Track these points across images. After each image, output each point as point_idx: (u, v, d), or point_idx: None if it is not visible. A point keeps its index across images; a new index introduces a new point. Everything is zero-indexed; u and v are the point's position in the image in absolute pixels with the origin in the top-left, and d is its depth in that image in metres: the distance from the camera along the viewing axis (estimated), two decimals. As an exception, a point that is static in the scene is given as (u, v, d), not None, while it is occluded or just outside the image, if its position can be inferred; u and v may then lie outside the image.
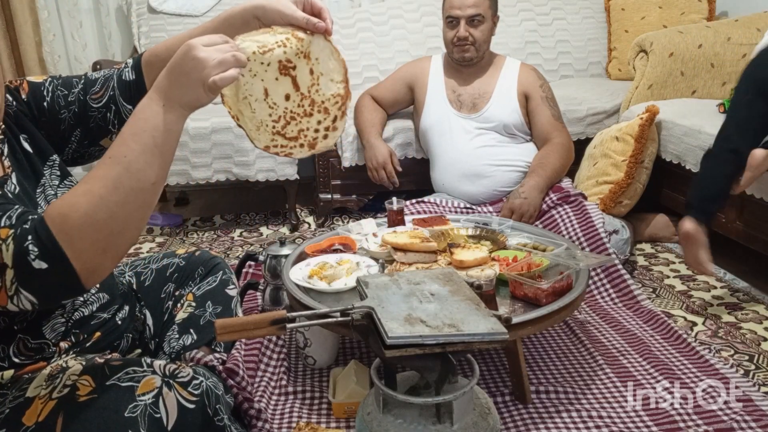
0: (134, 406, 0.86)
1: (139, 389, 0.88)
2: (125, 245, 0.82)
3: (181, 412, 0.89)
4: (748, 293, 1.90)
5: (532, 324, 1.27)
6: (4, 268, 0.77)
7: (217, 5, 2.89)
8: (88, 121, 1.07)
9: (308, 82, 0.95)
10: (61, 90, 1.06)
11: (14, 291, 0.78)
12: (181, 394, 0.90)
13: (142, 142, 0.81)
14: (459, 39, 2.16)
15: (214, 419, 0.95)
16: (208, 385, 0.95)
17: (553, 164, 2.09)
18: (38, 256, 0.77)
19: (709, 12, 2.85)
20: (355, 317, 0.99)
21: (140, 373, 0.90)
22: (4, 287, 0.78)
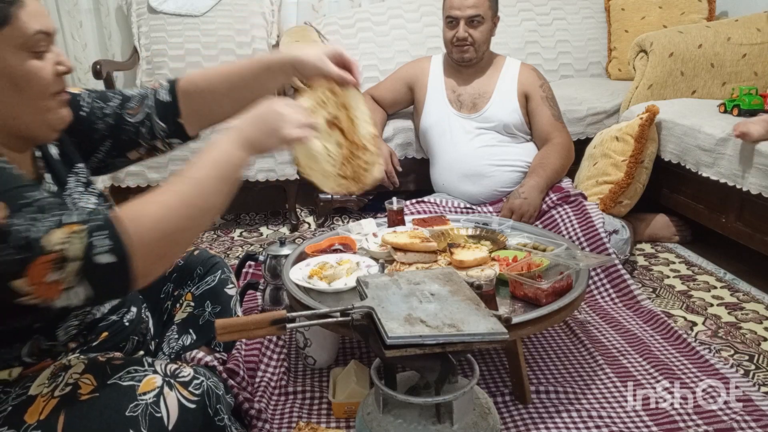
0: (135, 405, 0.87)
1: (140, 388, 0.89)
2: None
3: (182, 411, 0.90)
4: (748, 293, 1.90)
5: (532, 324, 1.27)
6: (66, 260, 0.79)
7: (216, 5, 2.88)
8: (121, 134, 1.13)
9: (350, 128, 1.10)
10: (98, 102, 1.12)
11: (70, 284, 0.80)
12: (182, 394, 0.91)
13: (216, 170, 0.91)
14: (458, 39, 2.15)
15: (214, 419, 0.95)
16: (208, 385, 0.95)
17: (553, 164, 2.09)
18: (107, 251, 0.80)
19: (709, 12, 2.85)
20: (355, 317, 0.99)
21: (141, 373, 0.91)
22: (60, 280, 0.80)
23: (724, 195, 1.99)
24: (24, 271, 0.78)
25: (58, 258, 0.79)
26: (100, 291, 0.83)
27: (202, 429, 0.93)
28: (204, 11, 2.87)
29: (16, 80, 0.87)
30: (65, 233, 0.80)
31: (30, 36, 0.86)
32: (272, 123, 0.96)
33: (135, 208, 0.85)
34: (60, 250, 0.79)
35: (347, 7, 3.13)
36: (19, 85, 0.87)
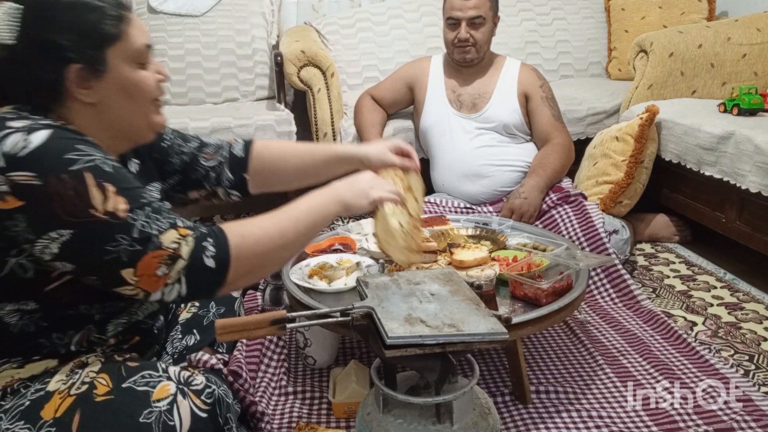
0: (149, 411, 0.88)
1: (155, 395, 0.90)
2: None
3: (194, 420, 0.91)
4: (748, 293, 1.90)
5: (532, 324, 1.27)
6: (176, 258, 0.90)
7: (216, 5, 2.89)
8: (191, 173, 1.24)
9: (414, 207, 1.25)
10: (178, 140, 1.25)
11: (174, 280, 0.90)
12: (195, 403, 0.92)
13: (311, 215, 1.06)
14: (460, 40, 2.15)
15: (224, 428, 0.96)
16: (220, 394, 0.96)
17: (554, 164, 2.09)
18: (212, 255, 0.92)
19: (709, 12, 2.85)
20: (355, 317, 0.99)
21: (155, 378, 0.92)
22: (166, 275, 0.89)
23: (724, 194, 1.99)
24: (136, 262, 0.88)
25: (170, 255, 0.89)
26: (193, 291, 0.92)
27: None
28: (204, 11, 2.87)
29: (128, 89, 0.97)
30: (178, 235, 0.91)
31: (138, 49, 0.97)
32: (364, 186, 1.15)
33: (241, 227, 0.98)
34: (174, 248, 0.90)
35: (347, 7, 3.13)
36: (129, 92, 0.98)
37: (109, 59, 0.94)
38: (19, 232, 0.86)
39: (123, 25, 0.95)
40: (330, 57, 2.52)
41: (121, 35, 0.94)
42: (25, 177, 0.84)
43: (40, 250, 0.86)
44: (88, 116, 0.96)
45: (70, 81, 0.92)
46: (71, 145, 0.88)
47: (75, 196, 0.85)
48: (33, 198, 0.84)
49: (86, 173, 0.86)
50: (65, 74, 0.91)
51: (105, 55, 0.93)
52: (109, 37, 0.93)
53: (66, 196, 0.85)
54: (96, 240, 0.87)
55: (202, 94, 2.84)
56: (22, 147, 0.84)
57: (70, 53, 0.91)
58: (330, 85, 2.50)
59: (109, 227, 0.87)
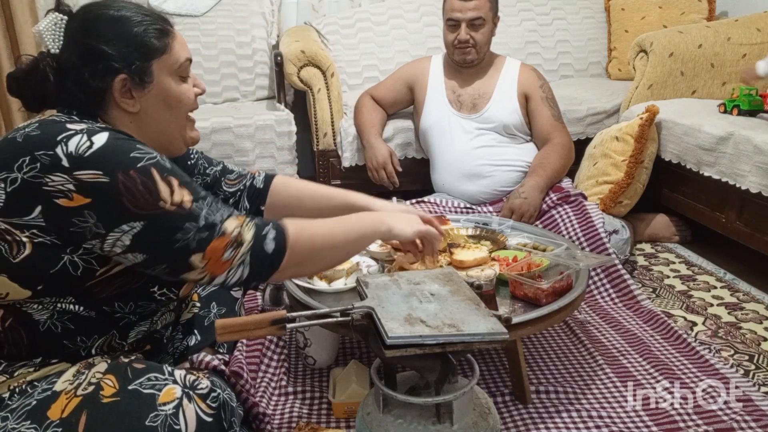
0: (155, 415, 0.88)
1: (161, 398, 0.90)
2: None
3: (200, 424, 0.91)
4: (748, 293, 1.90)
5: (532, 324, 1.27)
6: (241, 243, 0.96)
7: (216, 5, 2.89)
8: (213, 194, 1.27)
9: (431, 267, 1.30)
10: (203, 161, 1.32)
11: (239, 263, 0.97)
12: (200, 407, 0.93)
13: (360, 230, 1.14)
14: (460, 42, 2.15)
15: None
16: (224, 398, 0.97)
17: (554, 164, 2.09)
18: (273, 238, 0.99)
19: (709, 12, 2.85)
20: (355, 317, 0.99)
21: (162, 381, 0.93)
22: (230, 259, 0.96)
23: (724, 194, 1.99)
24: (205, 247, 0.93)
25: (235, 240, 0.96)
26: (254, 273, 0.98)
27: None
28: (204, 11, 2.88)
29: (169, 101, 1.03)
30: (239, 222, 0.98)
31: (181, 63, 1.03)
32: (413, 219, 1.24)
33: (299, 222, 1.05)
34: (239, 234, 0.96)
35: (347, 7, 3.13)
36: (170, 104, 1.03)
37: (154, 71, 0.99)
38: (87, 227, 0.89)
39: (168, 39, 1.01)
40: (330, 57, 2.52)
41: (166, 49, 1.01)
42: (91, 175, 0.88)
43: (112, 243, 0.91)
44: (127, 124, 1.00)
45: (115, 90, 0.97)
46: (133, 145, 0.93)
47: (144, 191, 0.90)
48: (100, 194, 0.88)
49: (152, 168, 0.91)
50: (112, 84, 0.96)
51: (151, 67, 0.99)
52: (156, 49, 0.99)
53: (136, 191, 0.89)
54: (166, 229, 0.91)
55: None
56: (87, 147, 0.88)
57: (118, 63, 0.96)
58: (330, 85, 2.50)
59: (178, 217, 0.92)
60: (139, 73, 0.98)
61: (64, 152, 0.88)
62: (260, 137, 2.46)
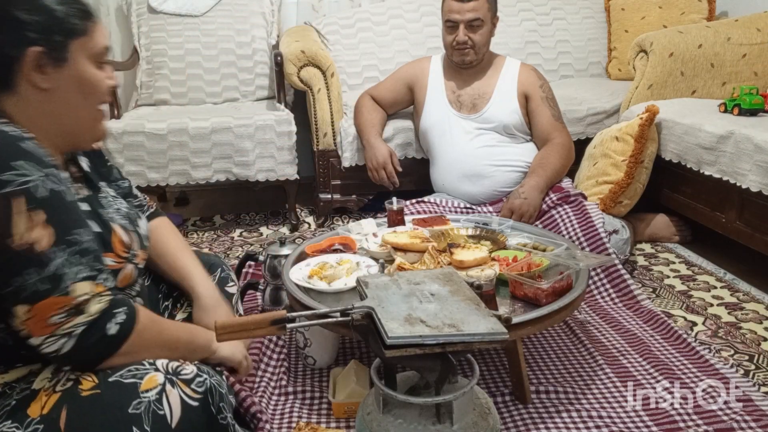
0: (138, 402, 0.87)
1: (143, 386, 0.89)
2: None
3: (185, 409, 0.90)
4: (748, 293, 1.90)
5: (532, 324, 1.27)
6: (80, 313, 0.86)
7: (216, 5, 2.89)
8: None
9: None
10: (117, 171, 1.25)
11: (64, 333, 0.86)
12: (185, 392, 0.91)
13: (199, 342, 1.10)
14: (458, 43, 2.15)
15: (217, 417, 0.95)
16: (211, 383, 0.95)
17: (554, 164, 2.09)
18: (119, 322, 0.90)
19: (709, 12, 2.85)
20: (355, 317, 0.99)
21: (143, 370, 0.91)
22: (59, 325, 0.85)
23: (724, 194, 1.99)
24: (36, 301, 0.84)
25: (75, 306, 0.85)
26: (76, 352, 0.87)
27: (205, 427, 0.93)
28: (204, 11, 2.88)
29: (84, 85, 0.97)
30: (92, 289, 0.87)
31: (99, 49, 0.98)
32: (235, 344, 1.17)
33: (152, 316, 0.99)
34: (84, 301, 0.86)
35: (347, 7, 3.13)
36: (83, 89, 0.97)
37: (71, 51, 0.94)
38: None
39: (89, 23, 0.97)
40: (330, 57, 2.52)
41: (87, 31, 0.96)
42: None
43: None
44: (35, 103, 0.94)
45: (27, 61, 0.91)
46: (7, 163, 0.84)
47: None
48: None
49: (15, 199, 0.83)
50: (24, 54, 0.90)
51: (68, 46, 0.94)
52: (76, 29, 0.95)
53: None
54: (6, 270, 0.83)
55: (202, 94, 2.85)
56: None
57: (35, 34, 0.91)
58: (330, 85, 2.50)
59: (22, 259, 0.83)
60: (55, 49, 0.92)
61: None
62: (260, 137, 2.46)
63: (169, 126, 2.41)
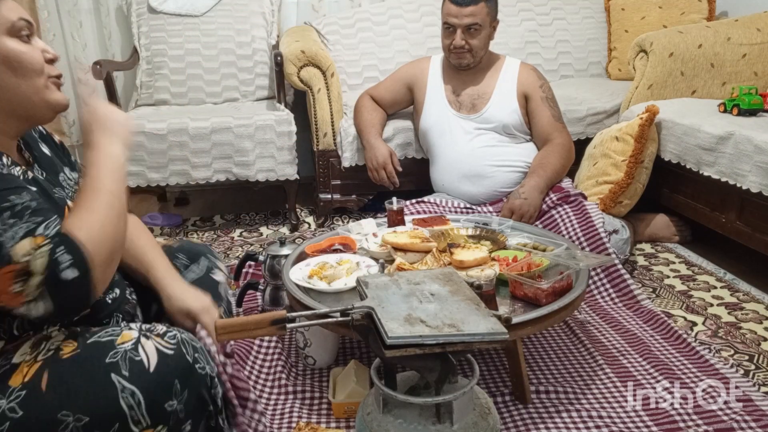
0: (114, 352, 0.92)
1: (118, 341, 0.94)
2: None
3: (161, 356, 0.94)
4: (748, 293, 1.90)
5: (532, 324, 1.27)
6: (30, 274, 0.83)
7: (216, 5, 2.89)
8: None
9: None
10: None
11: (34, 297, 0.84)
12: (159, 342, 0.95)
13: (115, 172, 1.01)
14: (455, 47, 2.15)
15: (194, 366, 0.98)
16: (183, 337, 0.99)
17: (554, 164, 2.09)
18: (69, 264, 0.85)
19: (709, 12, 2.85)
20: (355, 317, 0.99)
21: (118, 330, 0.96)
22: (23, 292, 0.84)
23: (724, 194, 1.99)
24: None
25: (22, 270, 0.83)
26: (61, 305, 0.87)
27: (184, 375, 0.95)
28: (204, 11, 2.88)
29: (10, 62, 0.95)
30: (33, 244, 0.84)
31: (14, 22, 0.96)
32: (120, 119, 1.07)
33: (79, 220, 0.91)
34: (26, 263, 0.83)
35: (347, 7, 3.13)
36: (12, 66, 0.96)
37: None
38: None
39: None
40: (330, 57, 2.52)
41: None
42: None
43: None
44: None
45: None
46: None
47: None
48: None
49: None
50: None
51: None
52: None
53: None
54: None
55: (202, 94, 2.85)
56: None
57: None
58: (330, 85, 2.50)
59: None
60: None
61: None
62: (260, 137, 2.47)
63: (169, 126, 2.41)
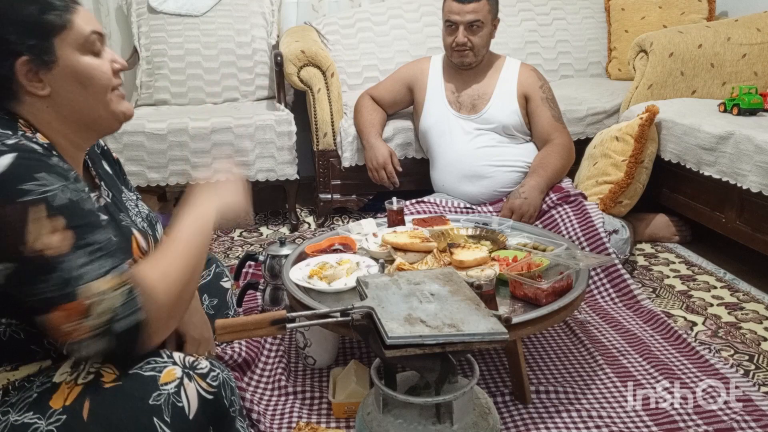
0: (158, 394, 0.89)
1: (162, 379, 0.91)
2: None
3: (201, 402, 0.92)
4: (748, 293, 1.90)
5: (532, 324, 1.27)
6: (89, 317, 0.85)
7: (216, 5, 2.89)
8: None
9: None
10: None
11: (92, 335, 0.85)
12: (201, 385, 0.93)
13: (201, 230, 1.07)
14: (457, 45, 2.14)
15: (229, 410, 0.97)
16: (224, 377, 0.97)
17: (554, 165, 2.09)
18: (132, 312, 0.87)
19: (709, 12, 2.85)
20: (355, 317, 0.99)
21: (161, 364, 0.93)
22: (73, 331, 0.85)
23: (724, 194, 1.99)
24: (48, 311, 0.84)
25: (81, 311, 0.84)
26: (113, 350, 0.88)
27: (218, 419, 0.95)
28: (204, 11, 2.88)
29: (80, 78, 0.96)
30: (109, 285, 0.86)
31: (87, 37, 0.96)
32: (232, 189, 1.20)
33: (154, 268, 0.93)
34: (89, 304, 0.84)
35: (347, 7, 3.13)
36: (83, 82, 0.96)
37: (57, 49, 0.93)
38: None
39: (67, 15, 0.95)
40: (330, 57, 2.52)
41: (66, 24, 0.94)
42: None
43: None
44: (45, 110, 0.95)
45: (20, 75, 0.91)
46: (30, 174, 0.85)
47: (10, 231, 0.82)
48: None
49: (32, 207, 0.83)
50: (14, 68, 0.91)
51: (52, 45, 0.93)
52: (54, 26, 0.93)
53: (7, 228, 0.82)
54: (25, 278, 0.84)
55: (202, 94, 2.85)
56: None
57: (16, 46, 0.90)
58: (330, 85, 2.50)
59: (34, 267, 0.84)
60: (40, 53, 0.92)
61: None
62: (260, 137, 2.47)
63: (169, 126, 2.41)
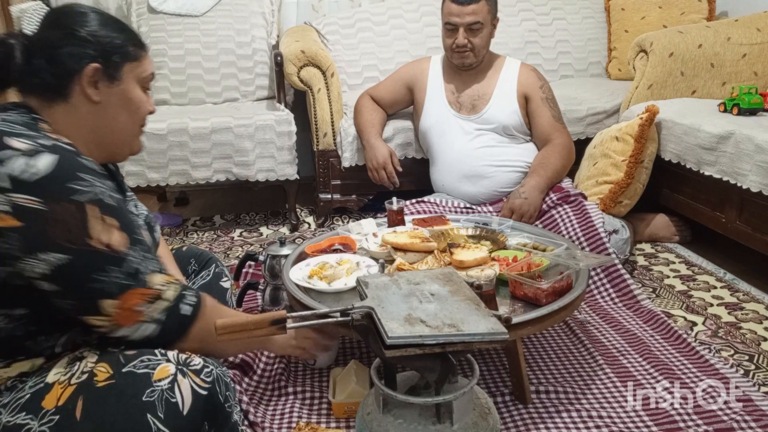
0: (151, 391, 0.91)
1: (155, 376, 0.92)
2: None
3: (195, 398, 0.93)
4: (748, 293, 1.90)
5: (532, 324, 1.27)
6: (159, 299, 0.98)
7: (216, 5, 2.89)
8: None
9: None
10: (134, 201, 1.29)
11: (150, 319, 0.98)
12: (195, 381, 0.94)
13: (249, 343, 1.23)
14: (458, 46, 2.14)
15: (224, 406, 0.98)
16: (218, 373, 0.98)
17: (554, 165, 2.09)
18: (190, 303, 1.03)
19: (709, 12, 2.85)
20: (355, 317, 0.99)
21: (155, 361, 0.95)
22: (143, 312, 0.97)
23: (724, 194, 1.99)
24: (120, 294, 0.94)
25: (154, 295, 0.98)
26: (162, 335, 1.00)
27: (213, 415, 0.96)
28: (204, 11, 2.88)
29: (130, 104, 1.09)
30: (165, 279, 1.01)
31: (147, 74, 1.11)
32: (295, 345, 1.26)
33: (216, 302, 1.11)
34: (159, 290, 0.99)
35: (347, 7, 3.13)
36: (130, 108, 1.09)
37: (123, 72, 1.06)
38: (7, 249, 0.90)
39: (142, 52, 1.10)
40: (330, 57, 2.52)
41: (139, 58, 1.09)
42: (29, 201, 0.89)
43: (27, 268, 0.91)
44: (83, 115, 1.04)
45: (85, 75, 1.01)
46: (74, 173, 0.93)
47: (75, 224, 0.91)
48: (33, 221, 0.89)
49: (89, 205, 0.93)
50: (84, 68, 1.01)
51: (123, 68, 1.06)
52: (131, 54, 1.07)
53: (67, 223, 0.91)
54: (89, 267, 0.93)
55: (202, 94, 2.85)
56: (30, 172, 0.90)
57: (95, 52, 1.02)
58: (330, 85, 2.50)
59: (104, 257, 0.93)
60: (111, 68, 1.04)
61: (5, 173, 0.89)
62: (260, 137, 2.47)
63: (169, 126, 2.41)
